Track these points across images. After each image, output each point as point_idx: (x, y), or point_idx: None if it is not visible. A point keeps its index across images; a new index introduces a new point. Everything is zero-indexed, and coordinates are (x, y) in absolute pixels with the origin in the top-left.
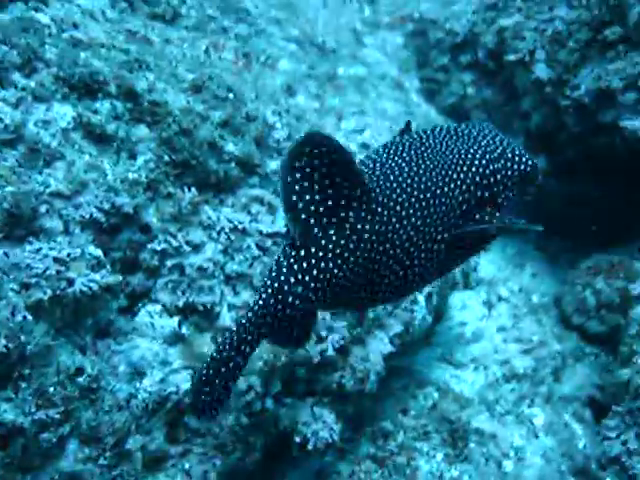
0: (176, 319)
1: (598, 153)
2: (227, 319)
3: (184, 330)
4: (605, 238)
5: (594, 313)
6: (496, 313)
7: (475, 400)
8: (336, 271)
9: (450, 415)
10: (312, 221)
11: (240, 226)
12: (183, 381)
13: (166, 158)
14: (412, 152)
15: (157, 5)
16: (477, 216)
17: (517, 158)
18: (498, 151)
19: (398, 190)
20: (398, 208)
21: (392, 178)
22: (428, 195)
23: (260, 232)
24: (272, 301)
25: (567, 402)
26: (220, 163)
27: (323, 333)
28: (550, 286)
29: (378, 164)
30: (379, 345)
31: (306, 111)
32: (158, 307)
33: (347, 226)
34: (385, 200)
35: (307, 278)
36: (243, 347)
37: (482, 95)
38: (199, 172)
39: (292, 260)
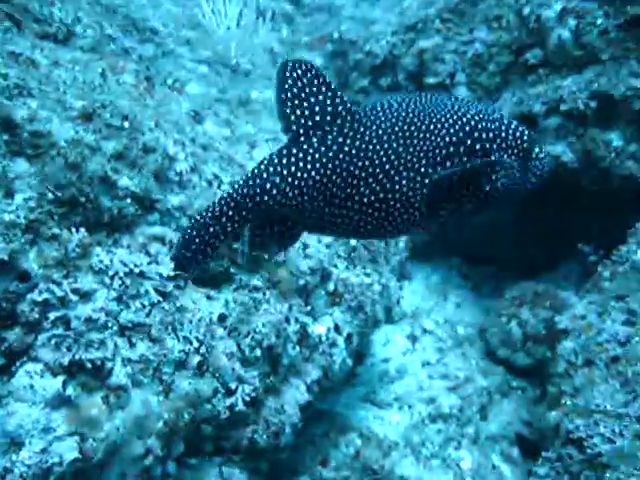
0: (60, 379)
1: None
2: (121, 376)
3: (70, 391)
4: (529, 264)
5: (520, 345)
6: (420, 347)
7: (400, 443)
8: (313, 173)
9: (373, 464)
10: (300, 130)
11: (137, 269)
12: (68, 449)
13: (50, 196)
14: (405, 99)
15: (48, 23)
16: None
17: (513, 126)
18: (495, 115)
19: (383, 118)
20: (380, 132)
21: (380, 109)
22: (412, 128)
23: (160, 275)
24: (251, 182)
25: (494, 441)
26: (114, 199)
27: (232, 385)
28: (475, 316)
29: (371, 103)
30: (295, 394)
31: (215, 139)
32: (39, 366)
33: (329, 137)
34: (369, 123)
35: (285, 172)
36: (224, 219)
37: None
38: (89, 210)
39: (275, 156)
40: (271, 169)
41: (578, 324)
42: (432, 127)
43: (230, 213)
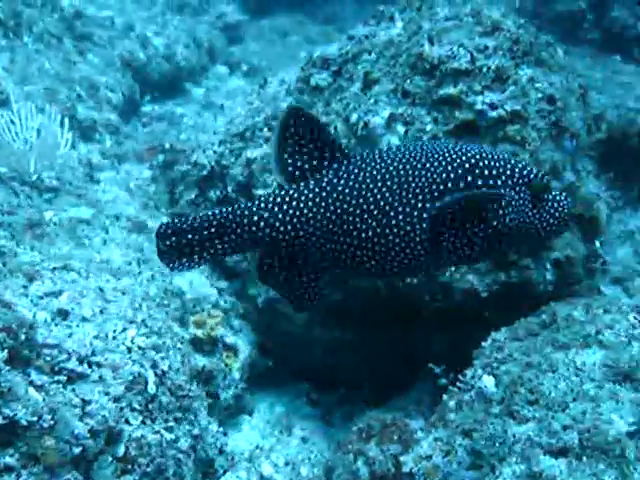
0: None
1: (363, 296)
2: None
3: None
4: (381, 386)
5: None
6: None
7: None
8: (306, 211)
9: None
10: (296, 173)
11: None
12: None
13: None
14: (406, 144)
15: None
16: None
17: (520, 165)
18: (502, 155)
19: (379, 160)
20: (375, 172)
21: (377, 153)
22: (408, 167)
23: None
24: (239, 212)
25: None
26: None
27: None
28: (323, 452)
29: (373, 149)
30: None
31: None
32: None
33: (324, 179)
34: (364, 165)
35: (276, 208)
36: (205, 233)
37: None
38: None
39: (270, 194)
40: (262, 205)
41: (424, 466)
42: (428, 164)
43: (213, 230)
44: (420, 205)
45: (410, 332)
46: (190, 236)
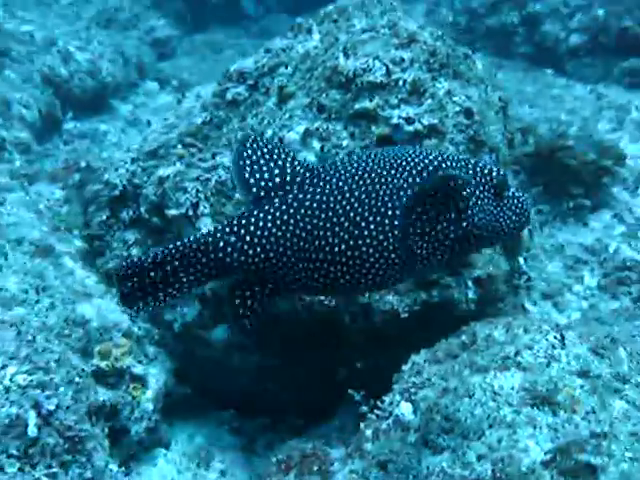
0: None
1: (283, 320)
2: None
3: None
4: (305, 412)
5: None
6: None
7: None
8: (275, 230)
9: None
10: (261, 192)
11: None
12: None
13: None
14: (366, 152)
15: None
16: None
17: (481, 164)
18: (461, 157)
19: (342, 170)
20: (341, 183)
21: (339, 163)
22: (373, 174)
23: None
24: (202, 240)
25: None
26: None
27: None
28: None
29: (336, 160)
30: None
31: None
32: None
33: (289, 195)
34: (329, 177)
35: (243, 231)
36: (168, 267)
37: None
38: None
39: (234, 218)
40: (227, 229)
41: None
42: (393, 171)
43: (177, 263)
44: (390, 212)
45: (333, 355)
46: (153, 273)
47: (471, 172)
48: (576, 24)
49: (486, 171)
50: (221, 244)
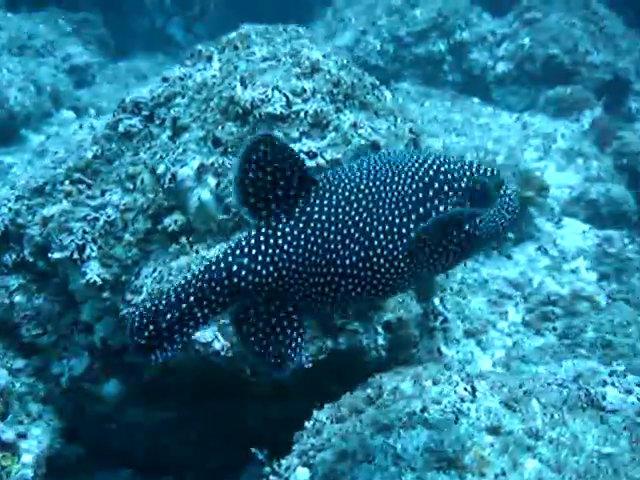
0: None
1: (182, 371)
2: None
3: None
4: (210, 470)
5: None
6: None
7: None
8: (286, 247)
9: None
10: (264, 211)
11: None
12: None
13: None
14: (365, 160)
15: None
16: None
17: (476, 165)
18: (456, 159)
19: (347, 181)
20: (347, 194)
21: (341, 172)
22: (377, 183)
23: None
24: (214, 267)
25: None
26: None
27: None
28: None
29: (336, 170)
30: None
31: None
32: None
33: (296, 210)
34: (334, 188)
35: (254, 251)
36: (184, 306)
37: (34, 304)
38: None
39: (242, 239)
40: (237, 252)
41: None
42: (397, 178)
43: (192, 299)
44: (398, 221)
45: (239, 409)
46: (169, 316)
47: (468, 174)
48: (503, 52)
49: (481, 172)
50: (234, 268)
